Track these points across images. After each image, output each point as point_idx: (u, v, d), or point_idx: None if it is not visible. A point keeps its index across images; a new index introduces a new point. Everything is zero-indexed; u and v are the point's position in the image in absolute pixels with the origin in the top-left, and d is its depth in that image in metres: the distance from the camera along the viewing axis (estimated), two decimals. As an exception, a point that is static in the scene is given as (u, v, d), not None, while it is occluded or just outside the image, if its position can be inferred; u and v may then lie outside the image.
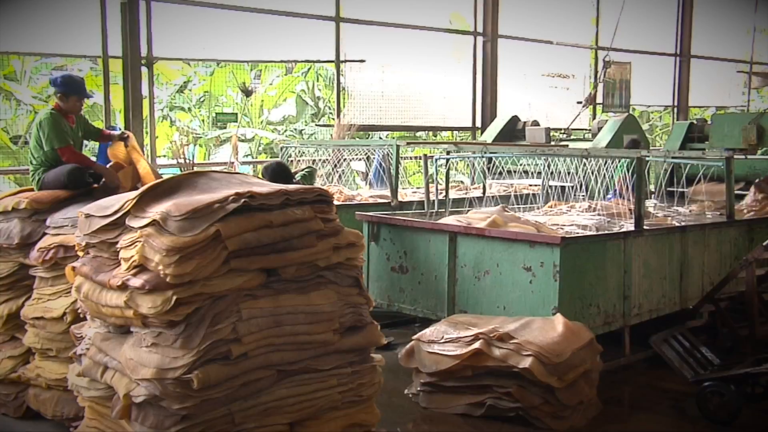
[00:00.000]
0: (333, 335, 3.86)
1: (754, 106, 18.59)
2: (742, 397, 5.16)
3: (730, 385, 5.14)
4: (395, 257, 6.59)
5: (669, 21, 16.98)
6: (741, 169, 8.90)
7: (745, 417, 5.08)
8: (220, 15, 10.54)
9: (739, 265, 6.21)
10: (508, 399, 4.87)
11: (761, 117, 9.69)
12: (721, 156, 7.64)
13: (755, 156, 10.09)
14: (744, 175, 9.13)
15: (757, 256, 6.15)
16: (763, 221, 7.71)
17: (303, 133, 15.60)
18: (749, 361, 5.50)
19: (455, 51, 13.67)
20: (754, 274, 6.13)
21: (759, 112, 10.39)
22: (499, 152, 8.61)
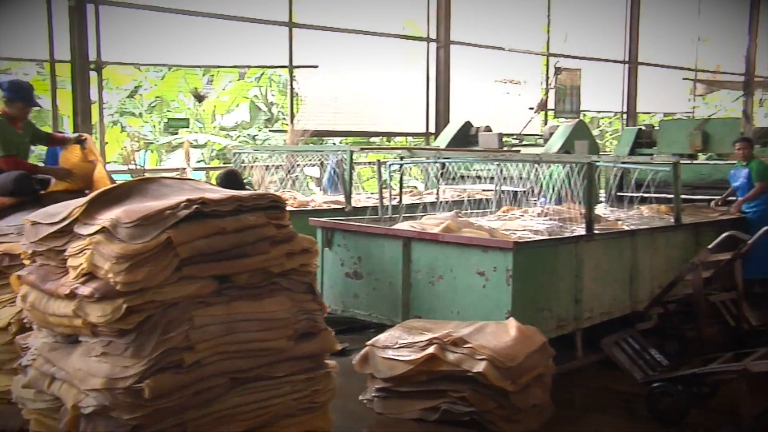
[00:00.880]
0: (287, 342, 3.83)
1: (699, 113, 19.03)
2: (689, 397, 5.27)
3: (678, 386, 5.25)
4: (349, 263, 6.58)
5: (618, 29, 17.30)
6: (687, 174, 9.10)
7: (692, 416, 5.19)
8: (172, 19, 10.43)
9: (686, 268, 6.34)
10: (462, 403, 4.89)
11: (706, 123, 9.91)
12: (668, 161, 7.80)
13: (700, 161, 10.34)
14: (690, 180, 9.33)
15: (703, 259, 6.29)
16: (709, 225, 7.90)
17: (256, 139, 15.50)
18: (696, 362, 5.62)
19: (408, 57, 13.73)
20: (701, 277, 6.28)
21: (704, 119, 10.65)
22: (452, 158, 8.66)
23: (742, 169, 8.65)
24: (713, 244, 6.48)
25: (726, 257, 6.56)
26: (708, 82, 19.94)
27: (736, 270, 6.65)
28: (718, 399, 5.54)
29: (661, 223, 7.57)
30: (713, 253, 6.45)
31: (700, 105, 20.40)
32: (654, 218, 7.97)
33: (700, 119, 10.82)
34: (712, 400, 5.56)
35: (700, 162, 10.34)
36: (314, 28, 11.69)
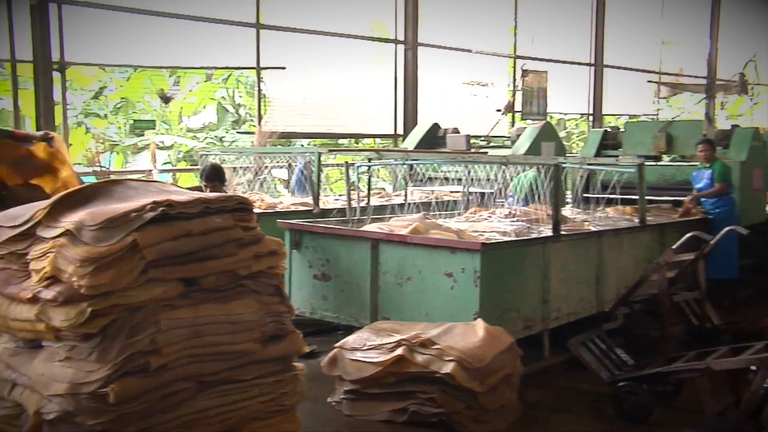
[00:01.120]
0: (254, 344, 3.81)
1: (663, 115, 19.29)
2: (654, 395, 5.35)
3: (643, 385, 5.32)
4: (317, 265, 6.57)
5: (584, 32, 17.47)
6: (651, 175, 9.21)
7: (657, 415, 5.26)
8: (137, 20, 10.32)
9: (651, 269, 6.43)
10: (430, 405, 4.90)
11: (670, 125, 10.05)
12: (633, 163, 7.89)
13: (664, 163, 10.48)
14: (654, 182, 9.45)
15: (667, 259, 6.38)
16: (674, 226, 8.01)
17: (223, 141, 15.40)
18: (661, 361, 5.69)
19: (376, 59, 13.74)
20: (666, 277, 6.36)
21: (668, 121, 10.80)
22: (420, 159, 8.69)
23: (704, 171, 8.77)
24: (677, 244, 6.57)
25: (690, 257, 6.65)
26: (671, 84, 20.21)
27: (700, 270, 6.75)
28: (682, 397, 5.63)
29: (627, 224, 7.66)
30: (677, 254, 6.54)
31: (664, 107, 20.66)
32: (619, 219, 8.06)
33: (664, 121, 10.96)
34: (676, 398, 5.64)
35: (664, 164, 10.48)
36: (282, 29, 11.64)
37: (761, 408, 5.31)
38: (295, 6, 12.21)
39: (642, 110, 19.52)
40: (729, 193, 8.67)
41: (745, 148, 9.15)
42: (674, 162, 10.95)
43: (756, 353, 5.29)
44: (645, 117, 18.81)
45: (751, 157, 9.12)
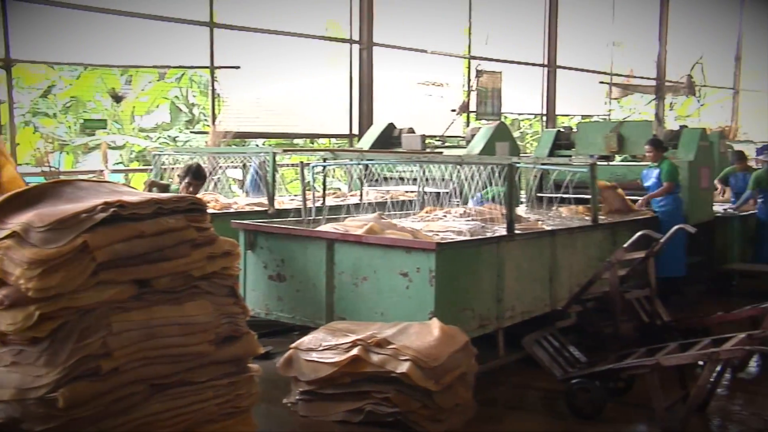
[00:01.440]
0: (208, 346, 3.78)
1: (615, 115, 19.59)
2: (606, 391, 5.43)
3: (596, 381, 5.40)
4: (272, 265, 6.53)
5: (537, 33, 17.65)
6: (603, 175, 9.34)
7: (609, 411, 5.35)
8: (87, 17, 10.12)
9: (603, 267, 6.53)
10: (386, 404, 4.91)
11: (621, 126, 10.20)
12: (585, 162, 8.00)
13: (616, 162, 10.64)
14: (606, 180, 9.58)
15: (619, 257, 6.49)
16: (625, 224, 8.14)
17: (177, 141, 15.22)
18: (612, 358, 5.79)
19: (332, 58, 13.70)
20: (617, 275, 6.47)
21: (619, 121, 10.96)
22: (375, 159, 8.69)
23: (653, 170, 8.93)
24: (628, 243, 6.69)
25: (640, 256, 6.77)
26: (622, 85, 20.54)
27: (650, 268, 6.88)
28: (633, 393, 5.73)
29: (579, 223, 7.76)
30: (628, 252, 6.66)
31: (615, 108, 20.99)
32: (572, 218, 8.17)
33: (616, 122, 11.13)
34: (627, 393, 5.74)
35: (615, 163, 10.64)
36: (236, 28, 11.54)
37: (708, 401, 5.45)
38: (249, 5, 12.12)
39: (594, 111, 19.79)
40: (676, 192, 8.84)
41: (693, 148, 9.34)
42: (625, 162, 11.13)
43: (703, 348, 5.41)
44: (597, 117, 19.08)
45: (698, 157, 9.30)
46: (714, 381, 5.44)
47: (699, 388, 5.16)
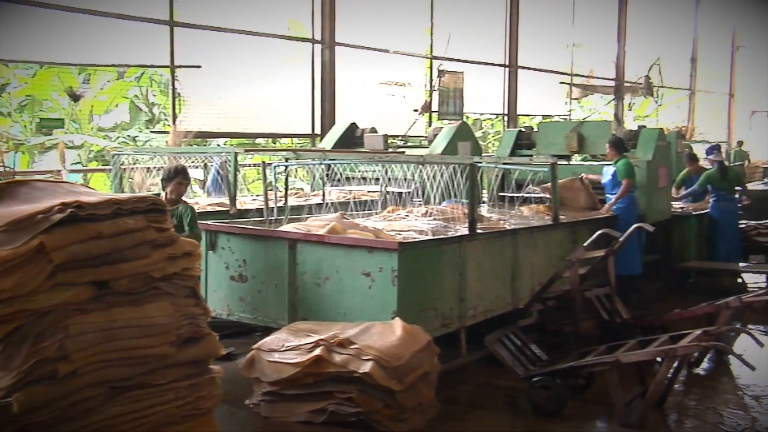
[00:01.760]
0: (169, 348, 3.75)
1: (575, 115, 19.82)
2: (567, 389, 5.49)
3: (557, 379, 5.45)
4: (234, 266, 6.49)
5: (498, 33, 17.78)
6: (564, 174, 9.44)
7: (569, 408, 5.41)
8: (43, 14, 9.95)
9: (564, 265, 6.60)
10: (349, 404, 4.90)
11: (581, 125, 10.32)
12: (546, 162, 8.07)
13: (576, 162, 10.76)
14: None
15: (579, 256, 6.57)
16: (585, 223, 8.23)
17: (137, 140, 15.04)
18: (573, 356, 5.86)
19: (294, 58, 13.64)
20: (577, 274, 6.55)
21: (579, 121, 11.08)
22: (338, 159, 8.68)
23: (610, 167, 9.04)
24: (588, 241, 6.77)
25: (600, 254, 6.86)
26: (582, 86, 20.80)
27: (610, 266, 6.97)
28: (593, 390, 5.80)
29: (540, 223, 7.83)
30: (588, 251, 6.74)
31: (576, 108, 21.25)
32: (533, 218, 8.24)
33: (576, 122, 11.26)
34: (588, 391, 5.81)
35: (575, 163, 10.76)
36: (197, 27, 11.43)
37: (665, 397, 5.55)
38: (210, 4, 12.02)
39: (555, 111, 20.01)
40: (632, 190, 8.95)
41: (651, 148, 9.48)
42: (585, 161, 11.27)
43: (661, 345, 5.51)
44: (558, 117, 19.28)
45: (656, 157, 9.45)
46: (671, 377, 5.54)
47: (657, 383, 5.25)
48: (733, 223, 10.61)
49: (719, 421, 5.34)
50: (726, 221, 10.48)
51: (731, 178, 10.75)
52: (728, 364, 6.69)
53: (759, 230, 11.12)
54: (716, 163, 10.86)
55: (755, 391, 6.00)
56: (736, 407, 5.66)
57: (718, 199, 10.51)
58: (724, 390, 6.09)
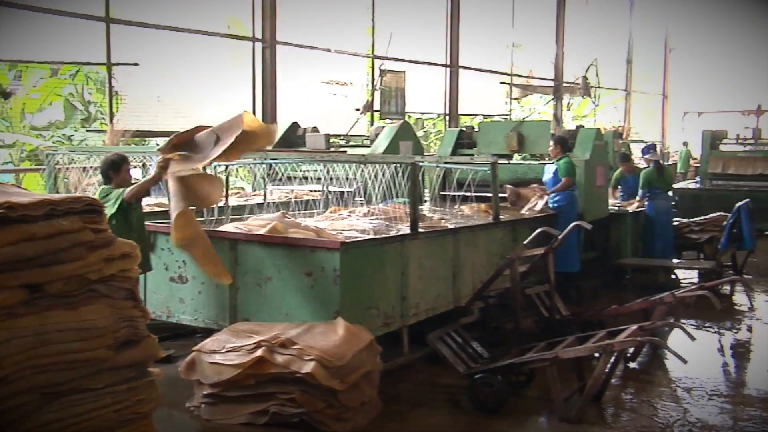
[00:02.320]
0: (106, 351, 3.67)
1: (515, 115, 20.08)
2: (508, 385, 5.56)
3: (498, 376, 5.52)
4: (174, 267, 6.39)
5: (439, 33, 17.91)
6: (504, 173, 9.56)
7: (510, 404, 5.48)
8: (-28, 9, 9.65)
9: (504, 264, 6.68)
10: (291, 405, 4.88)
11: (521, 125, 10.45)
12: (487, 161, 8.15)
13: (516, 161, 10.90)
14: (507, 180, 9.81)
15: (519, 254, 6.65)
16: (525, 222, 8.35)
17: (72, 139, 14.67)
18: (514, 352, 5.94)
19: (234, 57, 13.51)
20: (517, 271, 6.63)
21: (519, 121, 11.22)
22: (279, 158, 8.62)
23: (552, 165, 9.17)
24: (528, 240, 6.87)
25: (539, 252, 6.97)
26: (522, 86, 21.10)
27: (549, 264, 7.08)
28: (534, 386, 5.89)
29: (481, 221, 7.91)
30: (528, 249, 6.84)
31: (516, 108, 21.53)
32: (475, 216, 8.32)
33: (516, 121, 11.40)
34: (528, 387, 5.90)
35: (516, 162, 10.89)
36: (134, 24, 11.23)
37: (603, 391, 5.67)
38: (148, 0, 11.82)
39: (495, 110, 20.24)
40: (572, 189, 9.10)
41: (589, 147, 9.65)
42: (525, 160, 11.42)
43: (599, 341, 5.62)
44: (498, 117, 19.50)
45: (594, 156, 9.62)
46: (609, 371, 5.65)
47: (595, 378, 5.36)
48: (668, 221, 10.89)
49: (653, 414, 5.48)
50: (662, 219, 10.75)
51: (666, 177, 11.03)
52: (662, 358, 6.87)
53: (691, 227, 11.44)
54: (652, 162, 11.11)
55: (687, 383, 6.18)
56: (669, 400, 5.81)
57: (654, 198, 10.76)
58: (659, 383, 6.25)
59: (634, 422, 5.32)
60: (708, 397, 5.87)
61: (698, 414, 5.48)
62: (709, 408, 5.62)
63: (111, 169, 6.26)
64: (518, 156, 11.28)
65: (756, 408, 5.64)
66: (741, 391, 6.10)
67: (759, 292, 10.11)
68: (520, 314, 6.72)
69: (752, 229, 10.55)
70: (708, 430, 5.20)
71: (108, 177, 6.29)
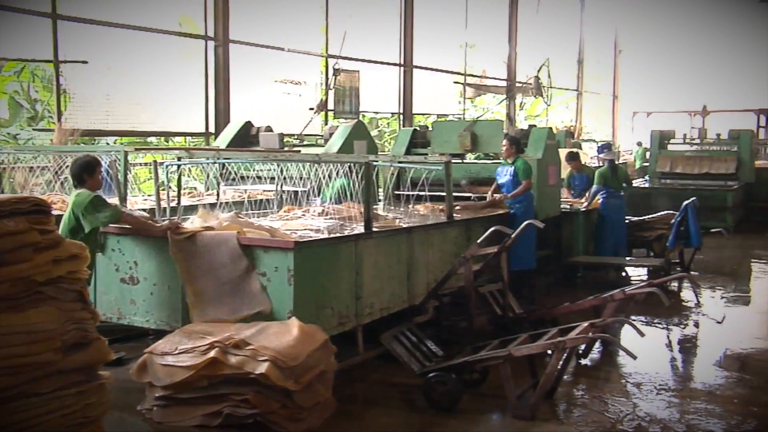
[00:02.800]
0: (54, 355, 3.61)
1: (468, 115, 20.22)
2: (462, 384, 5.60)
3: (452, 374, 5.55)
4: (125, 268, 6.29)
5: (394, 33, 17.95)
6: (458, 172, 9.62)
7: (464, 402, 5.52)
8: None
9: (458, 262, 6.73)
10: (245, 406, 4.84)
11: (474, 125, 10.51)
12: (440, 160, 8.19)
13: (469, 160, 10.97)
14: (461, 179, 9.87)
15: (473, 253, 6.71)
16: (478, 221, 8.41)
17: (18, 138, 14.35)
18: (468, 350, 5.98)
19: (187, 55, 13.35)
20: (471, 270, 6.69)
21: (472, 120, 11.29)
22: (232, 158, 8.55)
23: (507, 167, 9.22)
24: (481, 238, 6.92)
25: (493, 251, 7.03)
26: (476, 86, 21.26)
27: (502, 262, 7.15)
28: (487, 383, 5.94)
29: (435, 220, 7.94)
30: (481, 248, 6.90)
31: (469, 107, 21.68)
32: (428, 216, 8.35)
33: (469, 121, 11.47)
34: (482, 384, 5.95)
35: (469, 161, 10.97)
36: (82, 21, 11.01)
37: (555, 388, 5.74)
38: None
39: (449, 110, 20.36)
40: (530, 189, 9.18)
41: (541, 147, 9.76)
42: (479, 159, 11.50)
43: (551, 338, 5.70)
44: (452, 116, 19.61)
45: (546, 155, 9.73)
46: (561, 368, 5.73)
47: (547, 375, 5.42)
48: (620, 219, 11.07)
49: (604, 409, 5.57)
50: (614, 217, 10.92)
51: (620, 176, 11.21)
52: (613, 354, 6.98)
53: (641, 225, 11.65)
54: (607, 161, 11.28)
55: (636, 378, 6.29)
56: (620, 395, 5.91)
57: (607, 196, 10.92)
58: (609, 379, 6.35)
59: (585, 417, 5.40)
60: (656, 391, 5.99)
61: (647, 408, 5.59)
62: (658, 402, 5.74)
63: (86, 172, 6.04)
64: (471, 155, 11.36)
65: (701, 401, 5.77)
66: (688, 385, 6.24)
67: (705, 288, 10.34)
68: (474, 313, 6.78)
69: (699, 226, 10.79)
70: (656, 423, 5.31)
71: (82, 180, 6.05)
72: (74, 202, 5.92)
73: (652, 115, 26.81)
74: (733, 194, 15.89)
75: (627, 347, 5.45)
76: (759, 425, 5.32)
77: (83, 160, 6.12)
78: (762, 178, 18.12)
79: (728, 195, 15.77)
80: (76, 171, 6.07)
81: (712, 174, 17.20)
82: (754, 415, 5.51)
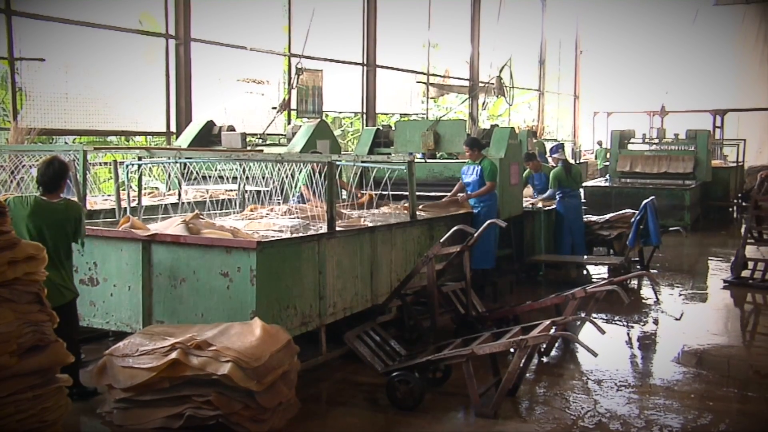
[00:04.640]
0: (10, 358, 3.54)
1: (432, 114, 20.29)
2: (425, 382, 5.62)
3: (415, 373, 5.57)
4: (84, 269, 6.21)
5: (357, 32, 17.93)
6: (421, 172, 9.64)
7: (428, 401, 5.54)
8: None
9: (421, 262, 6.75)
10: (207, 407, 4.80)
11: (437, 124, 10.55)
12: (403, 160, 8.21)
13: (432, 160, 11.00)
14: (424, 178, 9.90)
15: (435, 252, 6.74)
16: (441, 220, 8.44)
17: (-27, 137, 14.06)
18: (430, 350, 6.00)
19: (147, 53, 13.20)
20: (434, 269, 6.71)
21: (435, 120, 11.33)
22: (194, 157, 8.47)
23: (473, 167, 9.26)
24: (444, 238, 6.95)
25: (456, 250, 7.06)
26: (438, 85, 21.33)
27: (465, 261, 7.18)
28: (450, 382, 5.97)
29: (398, 220, 7.96)
30: (444, 247, 6.92)
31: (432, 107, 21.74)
32: (392, 215, 8.36)
33: (432, 120, 11.51)
34: (445, 383, 5.97)
35: (432, 161, 11.00)
36: (38, 17, 10.81)
37: (518, 386, 5.79)
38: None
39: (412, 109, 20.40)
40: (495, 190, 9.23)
41: (504, 146, 9.83)
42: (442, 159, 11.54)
43: (513, 337, 5.74)
44: (415, 116, 19.65)
45: (508, 155, 9.80)
46: (523, 366, 5.77)
47: (510, 373, 5.46)
48: (578, 218, 11.19)
49: (566, 406, 5.63)
50: (571, 216, 11.04)
51: (575, 176, 11.33)
52: (574, 352, 7.06)
53: (601, 224, 11.80)
54: (560, 161, 11.39)
55: (597, 375, 6.37)
56: (581, 392, 5.99)
57: (563, 196, 11.04)
58: (571, 376, 6.42)
59: (547, 415, 5.45)
60: (617, 388, 6.07)
61: (607, 405, 5.67)
62: (618, 398, 5.82)
63: (63, 178, 5.62)
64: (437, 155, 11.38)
65: (660, 397, 5.87)
66: (647, 382, 6.33)
67: (664, 285, 10.50)
68: (437, 311, 6.81)
69: (658, 225, 10.95)
70: (616, 419, 5.38)
71: (57, 186, 5.60)
72: (75, 213, 5.63)
73: (613, 114, 27.14)
74: (690, 193, 16.17)
75: (588, 345, 5.51)
76: (714, 419, 5.42)
77: (59, 166, 5.59)
78: (718, 178, 18.49)
79: (686, 194, 16.04)
80: (52, 177, 5.55)
81: (671, 173, 17.49)
82: (710, 409, 5.61)
